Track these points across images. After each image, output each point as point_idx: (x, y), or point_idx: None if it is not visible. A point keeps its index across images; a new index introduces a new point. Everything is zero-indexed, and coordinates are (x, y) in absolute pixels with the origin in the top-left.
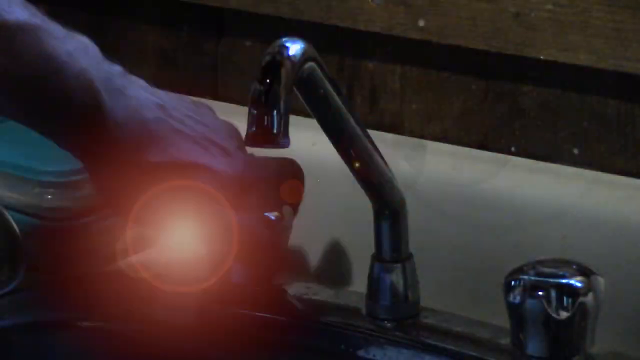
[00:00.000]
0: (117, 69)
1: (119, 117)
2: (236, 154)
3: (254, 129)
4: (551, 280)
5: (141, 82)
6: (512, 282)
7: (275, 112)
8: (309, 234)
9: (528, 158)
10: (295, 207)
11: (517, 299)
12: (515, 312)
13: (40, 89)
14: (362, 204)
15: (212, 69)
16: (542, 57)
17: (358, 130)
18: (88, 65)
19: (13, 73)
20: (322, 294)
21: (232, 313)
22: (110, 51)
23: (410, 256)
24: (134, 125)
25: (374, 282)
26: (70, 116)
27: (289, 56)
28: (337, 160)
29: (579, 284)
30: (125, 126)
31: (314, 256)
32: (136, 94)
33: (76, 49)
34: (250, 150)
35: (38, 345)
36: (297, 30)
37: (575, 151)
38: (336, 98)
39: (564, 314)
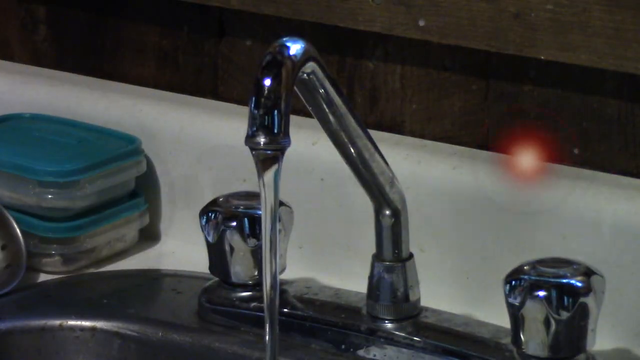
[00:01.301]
0: None
1: None
2: None
3: (254, 129)
4: (551, 280)
5: None
6: (512, 282)
7: (275, 111)
8: (309, 234)
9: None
10: None
11: (517, 299)
12: (515, 312)
13: None
14: (362, 204)
15: (212, 69)
16: (542, 57)
17: (358, 130)
18: None
19: None
20: (322, 294)
21: (232, 313)
22: (110, 51)
23: (410, 256)
24: None
25: (374, 282)
26: None
27: (289, 56)
28: (337, 160)
29: (579, 284)
30: None
31: (314, 256)
32: None
33: None
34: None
35: (38, 345)
36: (297, 30)
37: (575, 151)
38: (336, 98)
39: (564, 314)
